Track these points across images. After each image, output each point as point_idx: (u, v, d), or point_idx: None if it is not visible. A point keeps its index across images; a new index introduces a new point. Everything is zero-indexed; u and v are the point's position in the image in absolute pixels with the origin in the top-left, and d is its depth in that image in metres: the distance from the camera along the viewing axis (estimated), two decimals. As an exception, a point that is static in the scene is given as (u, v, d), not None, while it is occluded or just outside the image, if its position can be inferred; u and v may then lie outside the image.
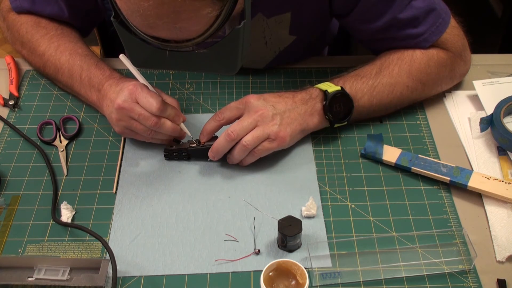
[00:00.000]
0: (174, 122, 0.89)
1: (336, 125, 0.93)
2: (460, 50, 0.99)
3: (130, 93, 0.87)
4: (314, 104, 0.91)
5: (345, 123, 0.93)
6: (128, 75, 0.94)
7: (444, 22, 0.97)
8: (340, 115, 0.92)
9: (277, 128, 0.87)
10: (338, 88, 0.91)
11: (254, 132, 0.86)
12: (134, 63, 0.86)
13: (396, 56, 0.97)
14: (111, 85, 0.91)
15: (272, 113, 0.87)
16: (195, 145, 0.91)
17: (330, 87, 0.91)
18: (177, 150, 0.92)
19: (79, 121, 0.99)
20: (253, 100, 0.88)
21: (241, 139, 0.86)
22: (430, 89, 1.00)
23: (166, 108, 0.87)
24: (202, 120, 0.99)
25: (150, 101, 0.86)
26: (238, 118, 0.89)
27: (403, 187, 0.90)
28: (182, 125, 0.91)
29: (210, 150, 0.88)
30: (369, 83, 0.94)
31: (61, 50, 0.99)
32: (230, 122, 0.90)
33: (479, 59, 1.11)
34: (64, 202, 0.86)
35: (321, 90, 0.92)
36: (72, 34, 1.03)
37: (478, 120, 0.96)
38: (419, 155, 0.92)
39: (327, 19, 1.07)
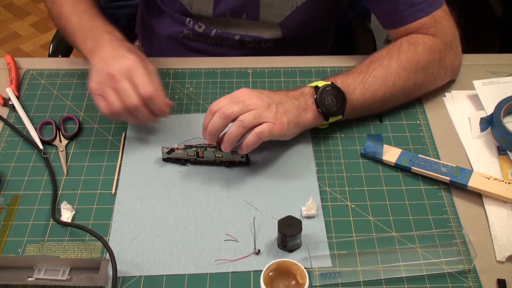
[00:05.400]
0: (153, 114, 0.88)
1: (331, 120, 0.93)
2: (449, 37, 1.01)
3: (128, 68, 0.86)
4: (306, 100, 0.91)
5: (340, 116, 0.93)
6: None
7: (440, 0, 1.01)
8: (333, 108, 0.92)
9: (274, 115, 0.86)
10: (328, 82, 0.92)
11: (250, 112, 0.84)
12: None
13: (385, 51, 0.99)
14: (111, 41, 0.91)
15: (268, 102, 0.86)
16: (193, 155, 0.91)
17: (320, 83, 0.93)
18: (175, 160, 0.92)
19: (79, 121, 0.99)
20: (248, 90, 0.88)
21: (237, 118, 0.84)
22: (422, 78, 0.99)
23: (155, 99, 0.85)
24: (202, 119, 0.99)
25: (145, 84, 0.84)
26: None
27: (403, 187, 0.90)
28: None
29: (206, 133, 0.87)
30: (360, 76, 0.95)
31: (78, 3, 1.02)
32: None
33: (479, 59, 1.11)
34: (64, 202, 0.86)
35: (311, 86, 0.93)
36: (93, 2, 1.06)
37: (478, 120, 0.96)
38: (419, 155, 0.92)
39: None
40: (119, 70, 0.86)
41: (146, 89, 0.85)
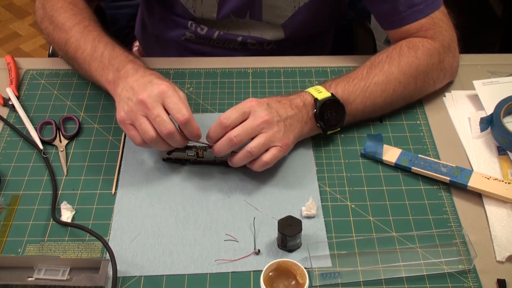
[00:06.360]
0: (187, 138, 0.86)
1: (329, 132, 0.93)
2: (447, 40, 1.01)
3: (160, 93, 0.82)
4: (308, 111, 0.91)
5: (338, 129, 0.94)
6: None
7: (439, 1, 1.01)
8: (332, 122, 0.92)
9: (282, 136, 0.86)
10: (329, 94, 0.91)
11: (259, 139, 0.85)
12: None
13: (385, 54, 0.99)
14: (136, 70, 0.88)
15: (277, 120, 0.86)
16: (193, 155, 0.91)
17: (321, 93, 0.91)
18: (175, 160, 0.92)
19: (79, 121, 0.99)
20: (258, 105, 0.86)
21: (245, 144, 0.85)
22: (422, 82, 0.99)
23: (191, 122, 0.83)
24: (202, 119, 0.99)
25: (180, 108, 0.81)
26: (242, 122, 0.86)
27: (403, 187, 0.90)
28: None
29: (212, 150, 0.87)
30: (361, 84, 0.94)
31: (89, 29, 0.98)
32: (235, 127, 0.86)
33: (479, 59, 1.11)
34: (64, 202, 0.86)
35: (312, 96, 0.92)
36: (101, 26, 1.03)
37: (478, 120, 0.96)
38: (419, 155, 0.92)
39: None
40: (149, 95, 0.82)
41: (182, 113, 0.81)
